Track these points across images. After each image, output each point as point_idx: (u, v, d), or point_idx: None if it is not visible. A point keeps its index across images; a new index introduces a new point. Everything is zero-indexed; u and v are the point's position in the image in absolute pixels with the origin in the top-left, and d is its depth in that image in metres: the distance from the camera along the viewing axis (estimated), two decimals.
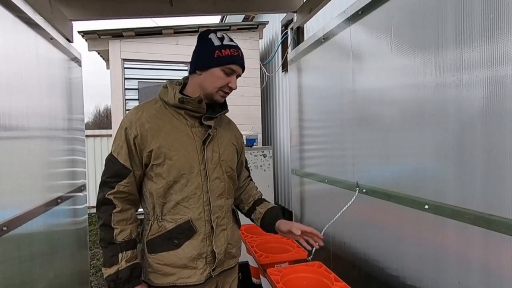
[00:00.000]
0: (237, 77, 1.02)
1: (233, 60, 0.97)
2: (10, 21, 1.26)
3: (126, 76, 3.80)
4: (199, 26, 3.93)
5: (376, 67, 1.41)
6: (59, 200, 1.67)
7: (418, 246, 1.19)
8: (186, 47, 3.92)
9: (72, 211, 1.93)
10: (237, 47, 1.00)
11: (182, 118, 1.01)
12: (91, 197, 5.78)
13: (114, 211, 0.93)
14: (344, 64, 1.66)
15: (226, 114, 1.15)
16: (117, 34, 3.73)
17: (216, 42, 0.97)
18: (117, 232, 0.92)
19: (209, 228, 1.01)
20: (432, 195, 1.11)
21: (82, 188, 2.11)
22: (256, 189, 1.27)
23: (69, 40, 1.99)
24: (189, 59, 1.04)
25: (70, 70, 1.94)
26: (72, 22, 2.10)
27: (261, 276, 1.52)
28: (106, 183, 0.95)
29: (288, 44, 3.61)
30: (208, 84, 0.99)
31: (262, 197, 1.25)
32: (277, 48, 4.16)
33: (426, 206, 1.12)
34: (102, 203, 0.94)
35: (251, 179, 1.30)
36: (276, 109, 4.33)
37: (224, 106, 1.09)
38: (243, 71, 1.02)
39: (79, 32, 3.66)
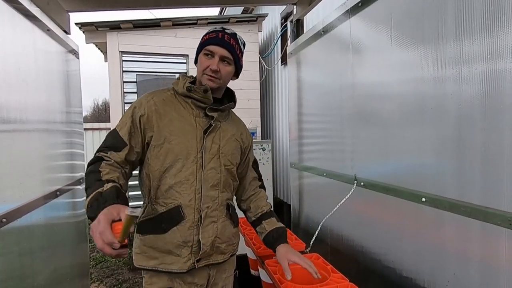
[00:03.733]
0: (223, 60, 1.02)
1: (209, 42, 1.01)
2: (7, 12, 1.24)
3: (124, 69, 3.77)
4: (198, 18, 3.88)
5: (375, 60, 1.41)
6: (58, 193, 1.68)
7: (415, 238, 1.20)
8: (184, 40, 3.87)
9: (71, 203, 1.94)
10: (219, 31, 1.03)
11: (188, 107, 1.05)
12: None
13: (102, 163, 0.92)
14: (343, 57, 1.65)
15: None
16: (115, 26, 3.68)
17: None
18: (104, 173, 0.89)
19: (198, 217, 1.01)
20: (429, 188, 1.12)
21: (81, 181, 2.11)
22: (266, 200, 1.25)
23: (66, 32, 1.97)
24: (188, 52, 1.13)
25: (67, 62, 1.93)
26: (69, 13, 2.07)
27: (259, 267, 1.54)
28: (100, 149, 0.96)
29: (288, 37, 3.58)
30: (197, 72, 1.07)
31: (271, 210, 1.22)
32: (277, 41, 4.13)
33: (424, 199, 1.13)
34: (91, 162, 0.94)
35: (263, 187, 1.28)
36: (275, 103, 4.32)
37: (234, 101, 1.13)
38: (230, 52, 1.02)
39: (76, 24, 3.61)
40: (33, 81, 1.45)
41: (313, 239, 1.66)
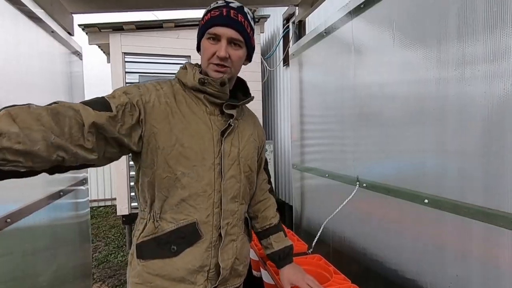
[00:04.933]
0: (232, 43, 0.82)
1: (212, 22, 0.80)
2: (12, 14, 1.25)
3: (126, 70, 3.79)
4: (200, 19, 3.90)
5: (377, 61, 1.41)
6: (61, 193, 1.69)
7: (417, 240, 1.20)
8: (186, 41, 3.89)
9: (74, 204, 1.95)
10: (222, 6, 0.81)
11: (201, 103, 0.85)
12: (93, 191, 5.82)
13: (52, 105, 0.63)
14: (345, 58, 1.65)
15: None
16: (118, 28, 3.70)
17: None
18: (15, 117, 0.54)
19: (217, 235, 0.85)
20: (431, 189, 1.12)
21: (83, 181, 2.12)
22: (275, 209, 1.13)
23: (70, 33, 1.98)
24: (190, 53, 1.02)
25: (71, 63, 1.94)
26: (73, 15, 2.08)
27: (261, 268, 1.54)
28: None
29: (290, 38, 3.59)
30: (201, 61, 0.86)
31: (279, 221, 1.13)
32: (278, 42, 4.13)
33: (426, 200, 1.13)
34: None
35: (272, 191, 1.15)
36: (277, 104, 4.32)
37: (247, 94, 0.95)
38: (240, 32, 0.81)
39: (79, 25, 3.63)
40: (37, 82, 1.46)
41: (315, 240, 1.66)
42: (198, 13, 4.55)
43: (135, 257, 0.84)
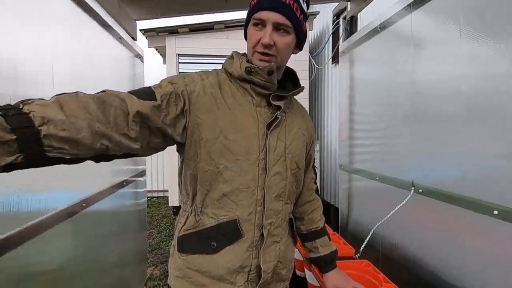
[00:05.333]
0: (278, 29, 0.76)
1: (258, 7, 0.75)
2: (88, 23, 1.42)
3: (180, 70, 4.03)
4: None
5: (440, 56, 1.30)
6: (124, 183, 1.87)
7: (482, 255, 1.08)
8: (236, 41, 4.00)
9: (134, 193, 2.15)
10: None
11: (247, 94, 0.81)
12: (147, 182, 6.32)
13: (95, 95, 0.63)
14: (402, 53, 1.55)
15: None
16: (173, 31, 3.96)
17: None
18: (37, 102, 0.54)
19: (259, 235, 0.80)
20: (503, 199, 1.00)
21: (142, 173, 2.32)
22: (321, 211, 1.08)
23: (134, 38, 2.18)
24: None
25: (134, 66, 2.14)
26: (136, 21, 2.29)
27: (305, 269, 1.53)
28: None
29: (340, 35, 3.47)
30: (247, 49, 0.81)
31: (324, 224, 1.08)
32: (328, 39, 4.02)
33: (495, 212, 1.01)
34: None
35: (317, 191, 1.09)
36: (324, 102, 4.22)
37: (297, 85, 0.89)
38: (287, 17, 0.75)
39: (140, 30, 3.98)
40: (107, 83, 1.64)
41: (363, 245, 1.59)
42: (243, 14, 4.64)
43: (176, 250, 0.83)
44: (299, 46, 0.85)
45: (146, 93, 0.69)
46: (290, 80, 0.91)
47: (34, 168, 0.54)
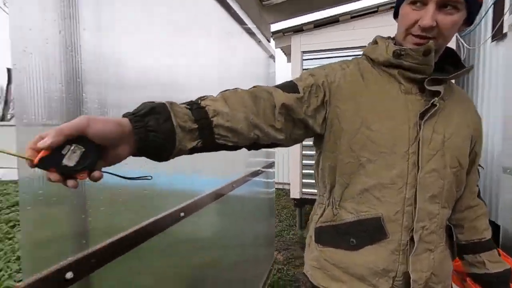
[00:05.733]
0: (444, 6, 0.64)
1: None
2: (239, 32, 1.66)
3: (304, 67, 4.13)
4: (379, 5, 3.66)
5: None
6: (259, 172, 2.10)
7: None
8: (362, 31, 3.77)
9: (266, 183, 2.37)
10: None
11: (394, 81, 0.74)
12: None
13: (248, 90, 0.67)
14: None
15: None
16: (298, 29, 4.09)
17: None
18: (212, 98, 0.62)
19: (407, 239, 0.72)
20: None
21: (272, 164, 2.53)
22: (487, 219, 0.90)
23: (268, 40, 2.38)
24: (366, 43, 0.85)
25: (268, 66, 2.35)
26: (270, 25, 2.49)
27: (453, 283, 1.31)
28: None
29: (505, 5, 2.72)
30: (397, 31, 0.74)
31: (491, 238, 0.90)
32: (486, 11, 3.23)
33: None
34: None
35: (480, 196, 0.91)
36: (479, 92, 3.42)
37: (460, 65, 0.75)
38: None
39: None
40: (248, 82, 1.86)
41: None
42: (372, 1, 4.29)
43: (313, 240, 0.82)
44: (468, 22, 0.71)
45: (289, 87, 0.71)
46: (448, 61, 0.77)
47: (207, 152, 0.63)
